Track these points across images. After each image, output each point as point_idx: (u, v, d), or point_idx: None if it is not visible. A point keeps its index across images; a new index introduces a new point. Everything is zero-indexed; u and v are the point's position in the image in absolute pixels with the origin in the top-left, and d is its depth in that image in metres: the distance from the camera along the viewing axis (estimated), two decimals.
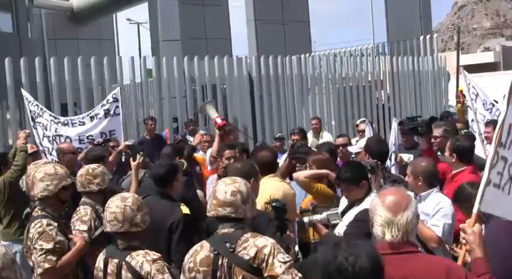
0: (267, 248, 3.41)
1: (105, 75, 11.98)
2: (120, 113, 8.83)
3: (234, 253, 3.45)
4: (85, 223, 4.80)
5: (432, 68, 17.45)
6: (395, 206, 2.85)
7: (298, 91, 14.48)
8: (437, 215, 4.81)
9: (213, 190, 3.70)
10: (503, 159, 3.36)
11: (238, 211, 3.56)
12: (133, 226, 3.78)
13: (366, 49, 18.14)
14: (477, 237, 3.07)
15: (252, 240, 3.46)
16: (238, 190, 3.60)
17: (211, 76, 13.23)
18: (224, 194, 3.57)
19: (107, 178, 5.11)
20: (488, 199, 3.29)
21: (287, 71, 14.37)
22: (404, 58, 16.92)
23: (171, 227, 4.62)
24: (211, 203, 3.62)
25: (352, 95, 15.56)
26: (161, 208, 4.74)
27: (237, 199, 3.57)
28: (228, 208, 3.55)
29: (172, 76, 12.80)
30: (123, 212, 3.77)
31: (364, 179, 4.82)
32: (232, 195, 3.57)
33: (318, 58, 15.68)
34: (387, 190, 3.02)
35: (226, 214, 3.56)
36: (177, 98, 12.87)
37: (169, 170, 5.03)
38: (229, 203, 3.56)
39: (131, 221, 3.77)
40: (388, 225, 2.82)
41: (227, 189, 3.59)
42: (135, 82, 12.96)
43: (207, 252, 3.54)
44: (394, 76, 16.66)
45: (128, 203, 3.80)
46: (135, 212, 3.79)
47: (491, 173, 3.30)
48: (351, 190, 4.83)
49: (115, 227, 3.77)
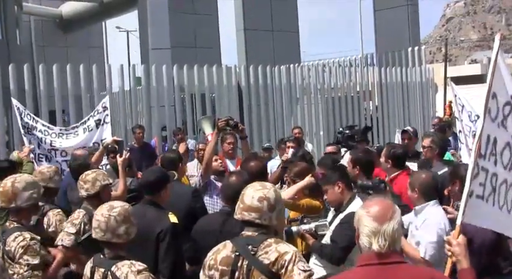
0: (288, 254, 3.40)
1: (94, 83, 11.98)
2: (109, 121, 8.85)
3: (255, 256, 3.44)
4: (75, 226, 4.89)
5: (420, 79, 17.56)
6: (381, 216, 2.85)
7: (286, 101, 14.52)
8: (421, 231, 4.79)
9: (242, 194, 3.67)
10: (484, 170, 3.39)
11: (263, 217, 3.54)
12: (115, 237, 3.76)
13: (355, 59, 18.20)
14: (462, 248, 3.10)
15: (275, 246, 3.45)
16: (266, 196, 3.57)
17: (200, 85, 13.25)
18: (251, 199, 3.56)
19: (98, 184, 5.15)
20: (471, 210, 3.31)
21: (276, 81, 14.41)
22: (393, 70, 17.02)
23: (159, 235, 4.58)
24: (238, 206, 3.62)
25: (341, 105, 15.62)
26: (149, 216, 4.70)
27: (263, 205, 3.54)
28: (253, 213, 3.54)
29: (161, 85, 12.80)
30: (107, 222, 3.76)
31: (339, 181, 4.87)
32: (258, 201, 3.55)
33: (307, 68, 15.73)
34: (372, 200, 3.01)
35: (250, 219, 3.55)
36: (166, 106, 12.88)
37: (160, 177, 5.02)
38: (254, 208, 3.55)
39: (113, 231, 3.75)
40: (374, 235, 2.82)
41: (255, 194, 3.57)
42: (124, 90, 12.96)
43: (228, 252, 3.54)
44: (383, 87, 16.76)
45: (114, 214, 3.78)
46: (119, 223, 3.77)
47: (473, 184, 3.33)
48: (328, 189, 4.92)
49: (98, 235, 3.78)
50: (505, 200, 3.50)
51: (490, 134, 3.41)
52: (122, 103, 13.20)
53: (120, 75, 12.52)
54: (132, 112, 13.85)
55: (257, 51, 18.81)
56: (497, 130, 3.44)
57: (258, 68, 14.05)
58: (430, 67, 19.10)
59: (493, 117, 3.42)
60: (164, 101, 12.86)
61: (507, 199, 3.51)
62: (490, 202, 3.43)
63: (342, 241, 4.53)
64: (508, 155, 3.49)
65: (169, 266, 4.52)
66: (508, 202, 3.51)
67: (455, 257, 3.11)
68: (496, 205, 3.46)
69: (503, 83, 3.51)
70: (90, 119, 9.05)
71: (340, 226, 4.66)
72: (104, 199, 5.08)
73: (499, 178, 3.46)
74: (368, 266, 2.83)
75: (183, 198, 5.66)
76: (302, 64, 16.96)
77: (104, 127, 8.86)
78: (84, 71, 11.80)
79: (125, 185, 6.29)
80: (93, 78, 11.96)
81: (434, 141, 7.18)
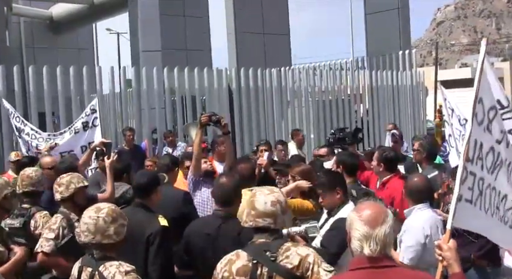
0: (310, 256, 3.40)
1: (84, 85, 11.94)
2: (99, 124, 8.79)
3: (275, 262, 3.40)
4: (53, 231, 4.87)
5: (411, 83, 17.62)
6: (373, 220, 2.85)
7: (277, 104, 14.53)
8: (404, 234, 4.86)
9: (248, 200, 3.63)
10: (472, 174, 3.41)
11: (277, 221, 3.54)
12: (105, 238, 3.73)
13: (346, 63, 18.28)
14: (453, 252, 3.10)
15: (294, 249, 3.44)
16: (278, 199, 3.58)
17: (191, 88, 13.24)
18: (264, 204, 3.54)
19: (72, 187, 5.13)
20: (461, 214, 3.33)
21: (267, 83, 14.42)
22: (384, 73, 17.08)
23: (149, 239, 4.57)
24: (249, 213, 3.56)
25: (332, 108, 15.65)
26: (138, 219, 4.69)
27: (277, 209, 3.54)
28: (268, 219, 3.52)
29: (151, 87, 12.78)
30: (96, 224, 3.72)
31: (338, 187, 4.89)
32: (272, 205, 3.54)
33: (298, 71, 15.76)
34: (363, 204, 3.00)
35: (266, 225, 3.52)
36: (157, 109, 12.85)
37: (151, 180, 5.00)
38: (269, 213, 3.52)
39: (103, 233, 3.72)
40: (366, 239, 2.82)
41: (267, 199, 3.55)
42: (114, 93, 12.93)
43: (244, 262, 3.47)
44: (373, 90, 16.80)
45: (102, 215, 3.75)
46: (108, 224, 3.74)
47: (462, 189, 3.35)
48: (325, 195, 4.92)
49: (87, 238, 3.74)
50: (489, 204, 3.53)
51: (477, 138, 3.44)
52: (112, 105, 13.17)
53: (111, 78, 12.50)
54: (122, 114, 13.82)
55: (248, 54, 18.82)
56: (483, 134, 3.49)
57: (248, 71, 14.05)
58: (420, 70, 19.17)
59: (479, 121, 3.46)
60: (155, 103, 12.83)
61: (491, 202, 3.54)
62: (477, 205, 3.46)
63: (332, 247, 4.52)
64: (491, 159, 3.55)
65: (158, 269, 4.51)
66: (492, 206, 3.55)
67: (447, 262, 3.10)
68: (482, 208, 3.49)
69: (489, 88, 3.56)
70: (78, 121, 9.00)
71: (330, 232, 4.66)
72: (78, 202, 5.08)
73: (485, 182, 3.50)
74: (359, 270, 2.83)
75: (173, 201, 5.64)
76: (293, 67, 16.98)
77: (93, 130, 8.80)
78: (74, 73, 11.76)
79: (113, 188, 6.27)
80: (84, 80, 11.92)
81: (422, 145, 7.25)
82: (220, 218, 4.46)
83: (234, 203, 4.48)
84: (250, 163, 6.03)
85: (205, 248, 4.39)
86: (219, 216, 4.48)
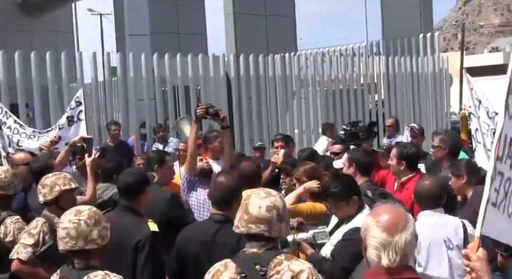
0: (303, 273, 3.37)
1: (63, 73, 11.93)
2: (83, 118, 8.81)
3: (265, 277, 3.39)
4: (32, 236, 4.86)
5: (433, 70, 17.61)
6: (392, 226, 2.81)
7: (281, 95, 14.55)
8: None
9: (243, 203, 3.62)
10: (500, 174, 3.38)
11: (272, 229, 3.50)
12: (89, 243, 3.72)
13: (359, 48, 18.24)
14: (483, 263, 3.07)
15: (287, 263, 3.41)
16: (274, 205, 3.53)
17: (183, 76, 13.23)
18: (258, 209, 3.50)
19: (57, 189, 5.13)
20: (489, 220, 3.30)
21: (269, 72, 14.43)
22: (402, 59, 17.06)
23: (137, 245, 4.59)
24: (241, 217, 3.56)
25: (342, 99, 15.65)
26: (125, 224, 4.71)
27: (273, 215, 3.50)
28: (262, 226, 3.49)
29: (139, 76, 12.79)
30: (77, 228, 3.71)
31: (355, 195, 4.86)
32: (267, 211, 3.50)
33: (305, 57, 15.75)
34: (381, 207, 2.96)
35: (259, 232, 3.49)
36: (145, 100, 12.86)
37: (138, 180, 5.01)
38: (263, 219, 3.49)
39: (86, 237, 3.71)
40: (384, 248, 2.78)
41: (262, 203, 3.52)
42: (97, 82, 12.93)
43: (232, 274, 3.47)
44: (390, 78, 16.79)
45: (83, 217, 3.74)
46: (90, 227, 3.73)
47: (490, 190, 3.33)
48: (340, 206, 4.86)
49: (68, 244, 3.72)
50: None
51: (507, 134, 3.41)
52: (94, 96, 13.16)
53: (93, 64, 12.48)
54: (106, 106, 13.82)
55: (248, 38, 18.79)
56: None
57: (249, 57, 14.06)
58: (444, 56, 19.16)
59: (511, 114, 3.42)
60: (143, 94, 12.84)
61: None
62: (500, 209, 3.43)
63: (344, 260, 4.51)
64: None
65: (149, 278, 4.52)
66: None
67: (476, 273, 3.09)
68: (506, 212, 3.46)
69: None
70: (63, 116, 9.01)
71: (343, 242, 4.64)
72: (64, 206, 5.04)
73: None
74: None
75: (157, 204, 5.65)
76: (299, 53, 16.98)
77: (78, 125, 8.81)
78: (51, 59, 11.74)
79: (94, 189, 6.29)
80: (62, 67, 11.91)
81: (443, 140, 7.20)
82: (216, 222, 4.47)
83: (233, 205, 4.44)
84: (254, 162, 6.03)
85: (200, 256, 4.40)
86: (216, 220, 4.49)
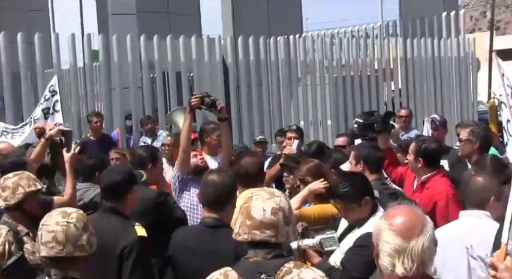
0: None
1: (37, 57, 11.91)
2: (60, 109, 8.82)
3: None
4: None
5: (457, 54, 17.59)
6: (408, 230, 2.84)
7: (285, 82, 14.56)
8: None
9: (243, 206, 3.57)
10: None
11: (279, 234, 3.46)
12: (77, 249, 3.70)
13: (373, 29, 18.21)
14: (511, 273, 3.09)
15: (296, 272, 3.38)
16: (280, 206, 3.47)
17: (174, 61, 13.23)
18: (262, 212, 3.45)
19: (21, 191, 5.06)
20: None
21: (271, 56, 14.44)
22: (422, 41, 17.05)
23: (123, 252, 4.59)
24: (243, 223, 3.50)
25: (354, 87, 15.66)
26: (109, 228, 4.70)
27: (279, 218, 3.45)
28: (268, 231, 3.44)
29: (124, 60, 12.77)
30: (66, 231, 3.68)
31: (368, 195, 4.86)
32: (273, 213, 3.45)
33: (311, 40, 15.74)
34: (395, 208, 2.98)
35: (265, 238, 3.45)
36: (131, 88, 12.85)
37: (124, 178, 5.00)
38: (269, 224, 3.44)
39: (75, 242, 3.69)
40: (399, 254, 2.81)
41: (266, 205, 3.47)
42: (76, 67, 12.91)
43: None
44: (408, 63, 16.78)
45: (72, 220, 3.72)
46: (80, 231, 3.72)
47: None
48: (351, 208, 4.85)
49: (54, 250, 3.67)
50: None
51: None
52: (73, 83, 13.12)
53: (71, 47, 12.46)
54: (87, 95, 13.81)
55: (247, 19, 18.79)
56: None
57: (248, 40, 14.05)
58: (470, 37, 19.15)
59: None
60: (129, 81, 12.83)
61: None
62: None
63: (355, 270, 4.50)
64: None
65: None
66: None
67: None
68: None
69: None
70: (37, 109, 9.03)
71: (354, 249, 4.63)
72: (29, 210, 5.03)
73: None
74: None
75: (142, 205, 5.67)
76: (305, 35, 16.96)
77: (54, 117, 8.83)
78: (23, 41, 11.71)
79: (74, 189, 6.28)
80: (36, 50, 11.89)
81: (473, 132, 7.17)
82: (208, 227, 4.48)
83: (227, 207, 4.48)
84: (257, 157, 6.04)
85: (190, 265, 4.42)
86: (207, 224, 4.50)
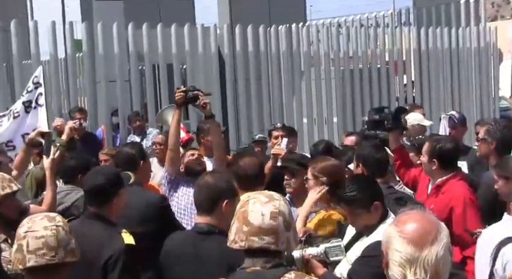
0: None
1: (13, 47, 11.92)
2: (43, 103, 8.83)
3: None
4: None
5: (477, 44, 17.54)
6: (420, 238, 2.83)
7: (287, 75, 14.56)
8: None
9: (238, 211, 3.60)
10: None
11: (279, 240, 3.50)
12: (69, 254, 3.75)
13: (383, 17, 18.22)
14: None
15: None
16: (279, 210, 3.52)
17: (165, 52, 13.22)
18: (261, 217, 3.49)
19: None
20: None
21: (272, 47, 14.45)
22: (437, 31, 17.04)
23: (107, 263, 4.61)
24: (239, 229, 3.53)
25: (363, 81, 15.64)
26: (93, 235, 4.73)
27: (279, 223, 3.49)
28: (267, 237, 3.48)
29: (110, 51, 12.76)
30: (57, 235, 3.73)
31: (377, 200, 4.87)
32: (272, 218, 3.49)
33: (316, 29, 15.75)
34: (407, 214, 2.97)
35: (264, 246, 3.48)
36: (118, 82, 12.83)
37: (110, 180, 5.03)
38: (268, 230, 3.49)
39: (66, 246, 3.74)
40: (410, 264, 2.80)
41: (264, 210, 3.51)
42: (57, 58, 12.90)
43: None
44: (422, 55, 16.78)
45: (59, 223, 3.78)
46: (69, 235, 3.78)
47: None
48: (358, 214, 4.89)
49: (45, 257, 3.69)
50: None
51: None
52: (54, 76, 13.12)
53: (52, 37, 12.45)
54: (69, 89, 13.79)
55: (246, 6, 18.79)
56: None
57: (246, 29, 14.04)
58: (492, 26, 19.12)
59: None
60: (115, 74, 12.82)
61: None
62: None
63: None
64: None
65: None
66: None
67: None
68: None
69: None
70: (18, 102, 9.03)
71: (362, 259, 4.67)
72: (5, 215, 5.03)
73: None
74: None
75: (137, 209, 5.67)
76: (309, 24, 16.95)
77: (36, 111, 8.83)
78: None
79: (54, 197, 6.30)
80: (12, 39, 11.90)
81: (489, 132, 7.20)
82: (201, 233, 4.51)
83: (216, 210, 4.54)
84: (257, 158, 6.04)
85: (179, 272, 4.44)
86: (200, 230, 4.53)
